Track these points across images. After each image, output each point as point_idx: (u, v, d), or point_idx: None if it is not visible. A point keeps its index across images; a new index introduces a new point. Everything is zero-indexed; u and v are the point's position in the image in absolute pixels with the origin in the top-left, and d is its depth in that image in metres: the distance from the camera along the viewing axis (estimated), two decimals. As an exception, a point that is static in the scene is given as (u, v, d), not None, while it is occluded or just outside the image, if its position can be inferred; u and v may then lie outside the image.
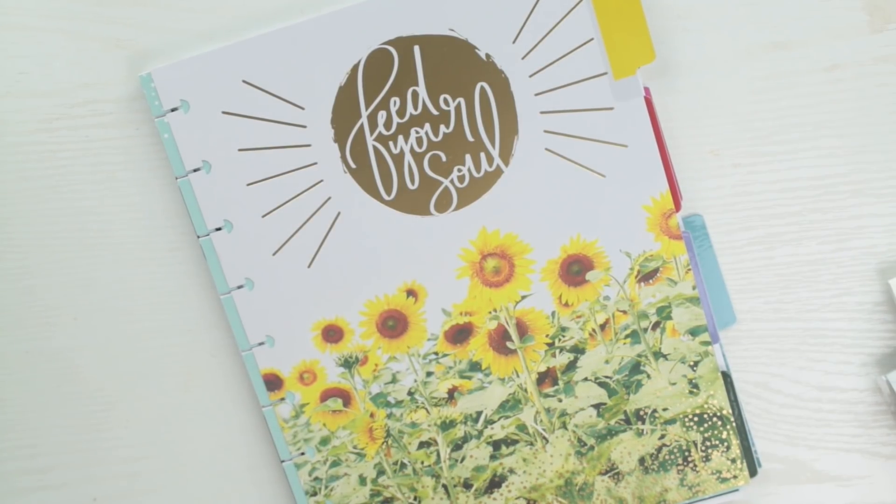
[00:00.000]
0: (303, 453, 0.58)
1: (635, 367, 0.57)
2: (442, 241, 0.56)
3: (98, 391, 0.59)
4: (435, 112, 0.55)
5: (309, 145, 0.55)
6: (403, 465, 0.58)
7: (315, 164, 0.55)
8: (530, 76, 0.55)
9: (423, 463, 0.58)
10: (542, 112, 0.55)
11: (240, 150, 0.55)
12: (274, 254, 0.56)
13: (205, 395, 0.59)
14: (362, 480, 0.58)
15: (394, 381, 0.57)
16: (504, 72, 0.55)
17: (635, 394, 0.57)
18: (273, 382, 0.57)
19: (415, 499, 0.58)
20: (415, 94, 0.55)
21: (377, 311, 0.57)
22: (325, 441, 0.58)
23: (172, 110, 0.55)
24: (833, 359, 0.58)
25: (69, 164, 0.57)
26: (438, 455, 0.58)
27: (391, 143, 0.55)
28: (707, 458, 0.58)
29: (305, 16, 0.55)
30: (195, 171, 0.56)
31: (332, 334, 0.57)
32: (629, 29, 0.54)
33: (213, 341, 0.59)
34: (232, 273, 0.56)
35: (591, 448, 0.58)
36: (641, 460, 0.58)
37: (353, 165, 0.55)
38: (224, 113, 0.55)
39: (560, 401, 0.57)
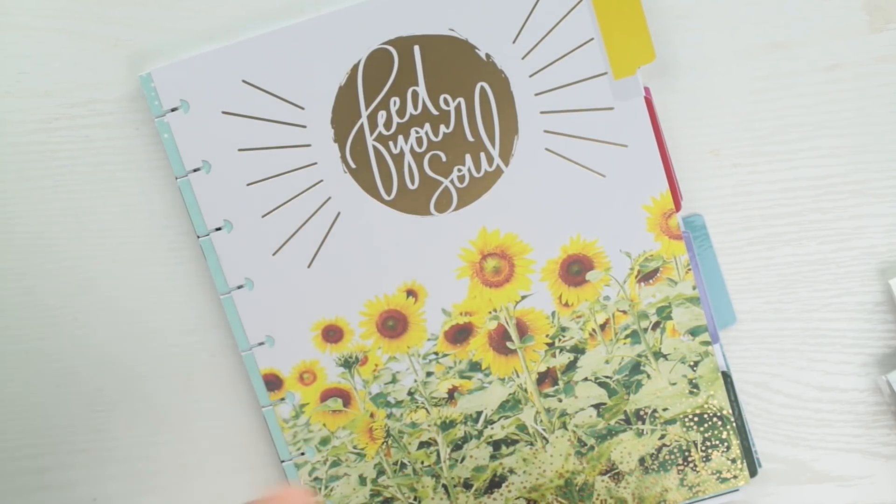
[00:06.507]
0: (303, 453, 0.58)
1: (635, 367, 0.57)
2: (442, 241, 0.56)
3: (98, 391, 0.59)
4: (435, 112, 0.55)
5: (309, 145, 0.55)
6: (403, 465, 0.58)
7: (315, 164, 0.55)
8: (530, 76, 0.55)
9: (423, 463, 0.58)
10: (542, 112, 0.55)
11: (240, 150, 0.55)
12: (274, 254, 0.56)
13: (205, 395, 0.59)
14: (362, 480, 0.58)
15: (394, 381, 0.57)
16: (504, 72, 0.55)
17: (635, 394, 0.57)
18: (273, 382, 0.57)
19: (415, 499, 0.58)
20: (415, 94, 0.55)
21: (377, 311, 0.57)
22: (325, 441, 0.58)
23: (172, 110, 0.55)
24: (833, 359, 0.58)
25: (69, 164, 0.57)
26: (438, 455, 0.58)
27: (391, 143, 0.55)
28: (707, 459, 0.58)
29: (305, 16, 0.55)
30: (195, 171, 0.56)
31: (332, 334, 0.57)
32: (629, 29, 0.54)
33: (213, 341, 0.58)
34: (232, 273, 0.56)
35: (591, 448, 0.58)
36: (641, 460, 0.58)
37: (353, 165, 0.55)
38: (224, 113, 0.55)
39: (560, 401, 0.57)
